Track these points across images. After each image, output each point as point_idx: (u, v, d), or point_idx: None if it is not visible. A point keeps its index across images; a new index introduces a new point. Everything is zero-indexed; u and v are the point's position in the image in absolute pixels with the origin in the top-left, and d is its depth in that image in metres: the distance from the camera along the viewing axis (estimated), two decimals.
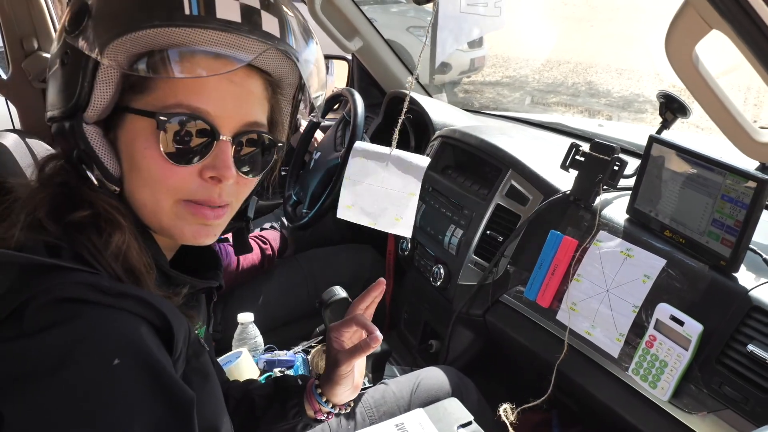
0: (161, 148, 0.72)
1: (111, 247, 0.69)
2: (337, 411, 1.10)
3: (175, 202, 0.75)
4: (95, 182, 0.73)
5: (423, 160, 1.40)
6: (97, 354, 0.60)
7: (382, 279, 1.08)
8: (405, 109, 1.41)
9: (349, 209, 1.44)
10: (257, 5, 0.72)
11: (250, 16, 0.71)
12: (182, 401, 0.65)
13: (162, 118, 0.70)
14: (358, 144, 1.47)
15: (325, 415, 1.11)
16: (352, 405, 1.17)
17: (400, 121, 1.45)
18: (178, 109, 0.71)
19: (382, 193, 1.41)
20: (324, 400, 1.08)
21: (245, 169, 0.79)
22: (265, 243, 2.00)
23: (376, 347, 1.01)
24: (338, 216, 1.43)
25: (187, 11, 0.68)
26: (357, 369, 1.06)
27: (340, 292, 1.53)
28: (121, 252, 0.70)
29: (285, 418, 1.10)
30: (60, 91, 0.73)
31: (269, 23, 0.73)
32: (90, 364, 0.60)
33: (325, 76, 0.87)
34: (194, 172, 0.74)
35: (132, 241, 0.72)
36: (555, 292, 1.31)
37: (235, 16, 0.70)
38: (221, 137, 0.74)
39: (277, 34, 0.73)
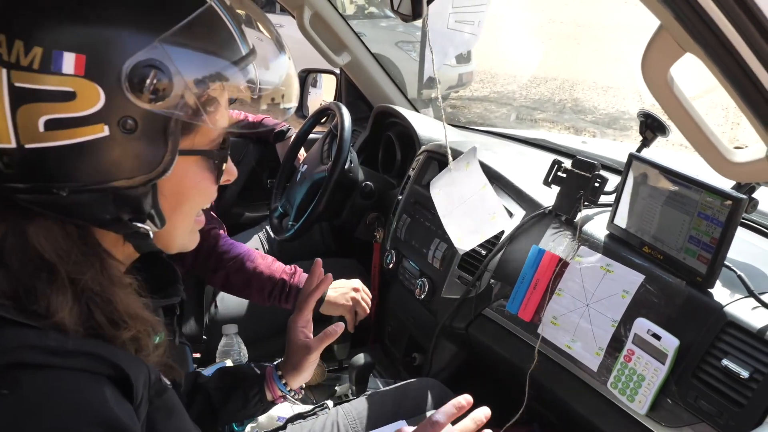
0: (212, 176, 0.76)
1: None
2: (293, 394, 1.21)
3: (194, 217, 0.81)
4: (150, 234, 0.73)
5: (471, 150, 1.41)
6: (52, 425, 0.58)
7: (318, 259, 1.25)
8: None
9: (462, 241, 1.44)
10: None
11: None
12: None
13: (220, 154, 0.75)
14: (432, 182, 1.49)
15: (282, 399, 1.21)
16: (304, 387, 1.28)
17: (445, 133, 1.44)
18: (220, 138, 0.75)
19: (468, 207, 1.43)
20: (283, 383, 1.19)
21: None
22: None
23: (340, 332, 1.17)
24: (461, 251, 1.44)
25: (243, 52, 0.71)
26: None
27: (364, 359, 1.61)
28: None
29: (246, 406, 1.18)
30: (124, 161, 0.66)
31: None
32: None
33: None
34: None
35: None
36: (537, 306, 1.33)
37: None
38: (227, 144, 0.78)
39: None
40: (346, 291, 1.63)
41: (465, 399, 0.91)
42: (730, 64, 0.72)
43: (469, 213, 1.44)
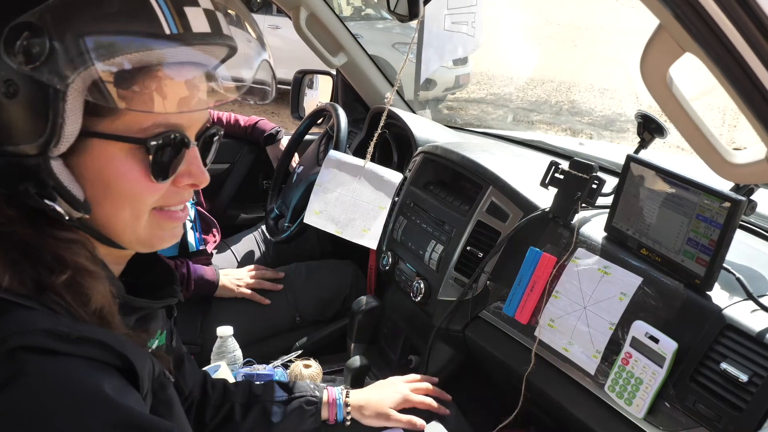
0: (144, 169, 0.70)
1: (92, 303, 0.68)
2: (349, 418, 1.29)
3: (150, 213, 0.75)
4: (64, 215, 0.68)
5: (396, 176, 1.41)
6: (66, 411, 0.59)
7: None
8: (382, 124, 1.43)
9: (317, 216, 1.45)
10: (210, 6, 0.69)
11: (216, 23, 0.69)
12: None
13: (152, 143, 0.69)
14: (332, 153, 1.47)
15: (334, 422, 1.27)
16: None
17: (376, 135, 1.46)
18: (158, 129, 0.70)
19: (352, 204, 1.42)
20: (347, 411, 1.28)
21: (207, 164, 0.80)
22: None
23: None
24: (305, 221, 1.44)
25: (167, 31, 0.64)
26: None
27: (372, 301, 1.59)
28: (91, 298, 0.68)
29: (302, 423, 1.22)
30: (13, 126, 0.64)
31: (224, 24, 0.70)
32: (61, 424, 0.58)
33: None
34: (170, 183, 0.74)
35: (103, 283, 0.71)
36: (534, 309, 1.32)
37: (205, 27, 0.67)
38: (191, 144, 0.74)
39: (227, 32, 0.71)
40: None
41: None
42: (731, 64, 0.71)
43: (347, 208, 1.45)
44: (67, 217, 0.69)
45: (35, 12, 0.61)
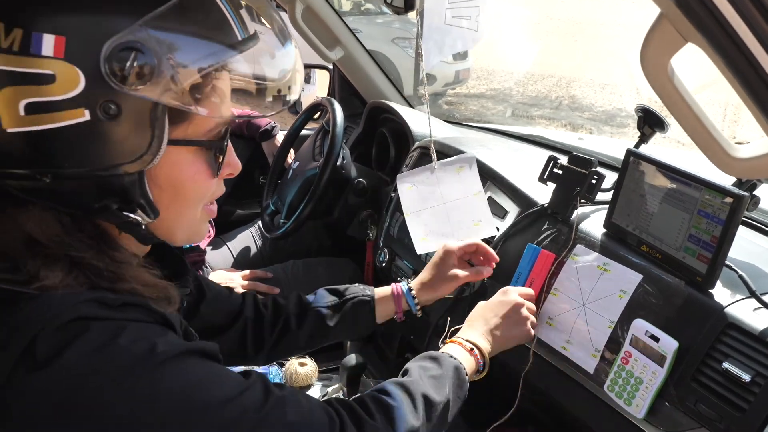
0: (209, 169, 0.74)
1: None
2: (418, 308, 1.29)
3: (201, 210, 0.79)
4: (142, 225, 0.71)
5: (468, 158, 1.38)
6: (121, 372, 0.61)
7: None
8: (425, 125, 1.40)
9: (426, 241, 1.41)
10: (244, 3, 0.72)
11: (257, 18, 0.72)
12: (213, 350, 0.71)
13: (224, 144, 0.74)
14: (399, 176, 1.44)
15: (401, 316, 1.29)
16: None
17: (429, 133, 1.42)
18: (218, 128, 0.73)
19: (447, 210, 1.39)
20: (416, 302, 1.27)
21: None
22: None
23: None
24: (419, 252, 1.41)
25: (239, 37, 0.68)
26: None
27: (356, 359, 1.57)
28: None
29: (357, 324, 1.27)
30: (111, 148, 0.64)
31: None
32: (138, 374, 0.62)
33: None
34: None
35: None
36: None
37: (253, 27, 0.71)
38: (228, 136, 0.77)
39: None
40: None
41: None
42: (735, 55, 0.68)
43: (447, 216, 1.41)
44: (144, 226, 0.71)
45: (132, 29, 0.61)
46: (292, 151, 2.24)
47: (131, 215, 0.69)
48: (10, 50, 0.59)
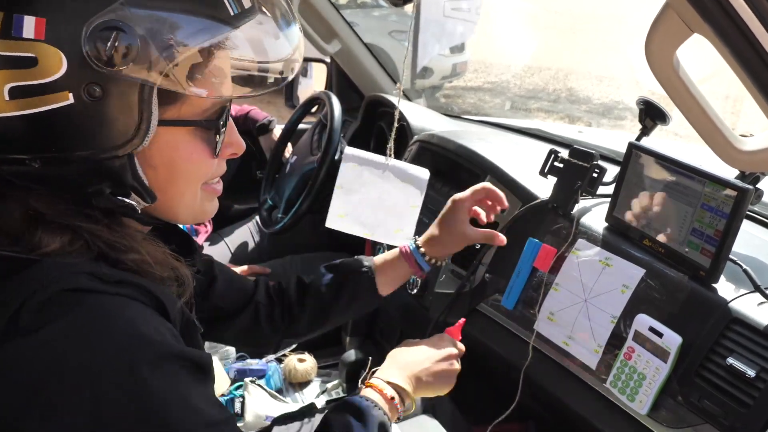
0: (207, 148, 0.72)
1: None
2: (434, 261, 1.23)
3: (201, 189, 0.76)
4: (138, 209, 0.69)
5: (423, 172, 1.37)
6: (109, 344, 0.58)
7: None
8: (396, 122, 1.39)
9: (342, 219, 1.39)
10: None
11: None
12: (205, 363, 0.67)
13: (220, 123, 0.71)
14: (349, 150, 1.43)
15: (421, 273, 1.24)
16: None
17: (393, 132, 1.41)
18: (216, 108, 0.71)
19: (380, 204, 1.38)
20: (426, 259, 1.22)
21: None
22: None
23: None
24: (327, 225, 1.39)
25: (231, 12, 0.65)
26: None
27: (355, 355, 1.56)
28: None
29: (356, 299, 1.21)
30: (96, 131, 0.63)
31: None
32: (107, 356, 0.58)
33: None
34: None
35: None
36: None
37: (248, 2, 0.68)
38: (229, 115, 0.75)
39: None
40: None
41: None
42: (742, 45, 0.67)
43: (375, 209, 1.40)
44: (139, 210, 0.69)
45: (113, 8, 0.59)
46: (289, 145, 2.23)
47: (126, 200, 0.67)
48: None
